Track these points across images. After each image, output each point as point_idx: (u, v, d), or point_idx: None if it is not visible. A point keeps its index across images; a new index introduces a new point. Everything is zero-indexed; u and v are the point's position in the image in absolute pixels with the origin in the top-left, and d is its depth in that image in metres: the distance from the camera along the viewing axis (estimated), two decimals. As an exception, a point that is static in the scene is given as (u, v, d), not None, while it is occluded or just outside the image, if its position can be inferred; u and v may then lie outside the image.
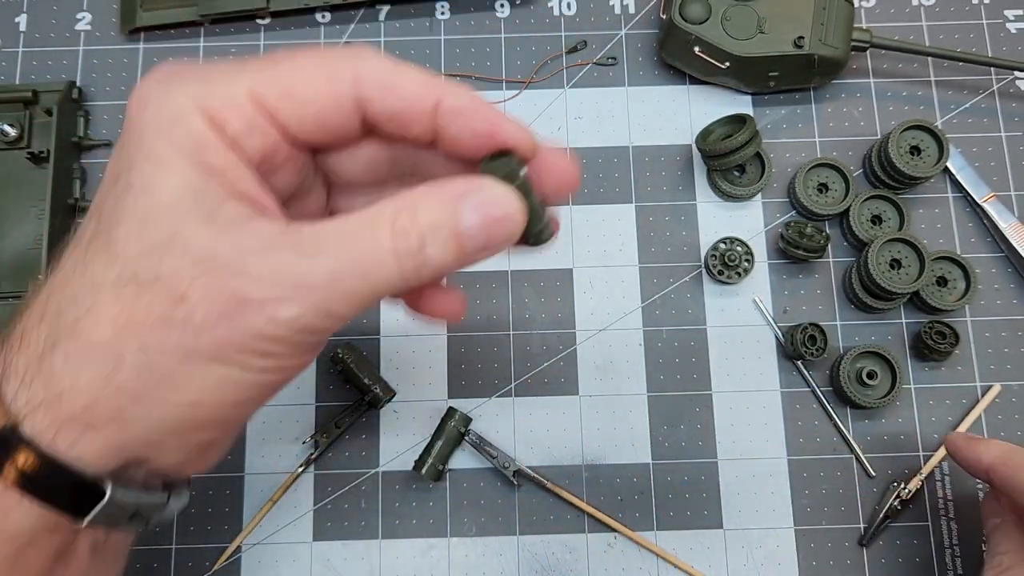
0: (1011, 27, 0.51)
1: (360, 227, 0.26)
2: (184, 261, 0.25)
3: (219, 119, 0.26)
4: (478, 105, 0.28)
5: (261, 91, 0.26)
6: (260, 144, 0.26)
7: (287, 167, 0.28)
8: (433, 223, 0.26)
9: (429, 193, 0.26)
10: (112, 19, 0.51)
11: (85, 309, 0.25)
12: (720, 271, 0.46)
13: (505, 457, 0.44)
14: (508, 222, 0.27)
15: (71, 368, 0.25)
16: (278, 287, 0.25)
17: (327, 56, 0.27)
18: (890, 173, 0.47)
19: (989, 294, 0.47)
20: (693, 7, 0.46)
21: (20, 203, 0.46)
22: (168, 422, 0.25)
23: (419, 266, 0.26)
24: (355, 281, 0.25)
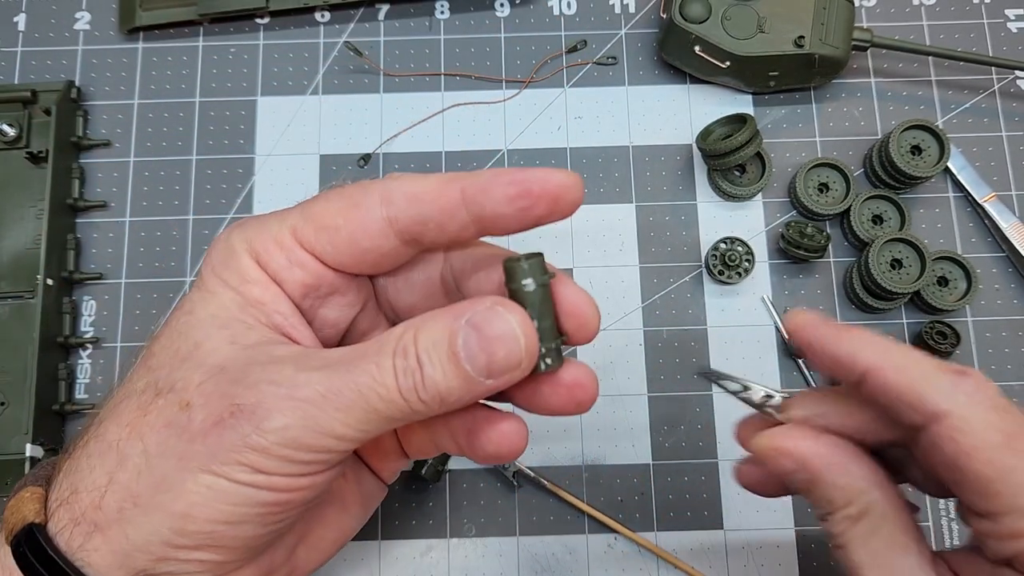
0: (1012, 26, 0.51)
1: (369, 346, 0.26)
2: (198, 371, 0.26)
3: (264, 258, 0.28)
4: (501, 171, 0.27)
5: (300, 227, 0.28)
6: (301, 278, 0.28)
7: (336, 299, 0.30)
8: (432, 341, 0.25)
9: (437, 312, 0.26)
10: (111, 18, 0.51)
11: (110, 413, 0.27)
12: (720, 271, 0.46)
13: (505, 457, 0.44)
14: (507, 340, 0.25)
15: (90, 466, 0.26)
16: (270, 397, 0.25)
17: (357, 186, 0.28)
18: (891, 173, 0.46)
19: (990, 294, 0.47)
20: (693, 6, 0.46)
21: (19, 203, 0.46)
22: (163, 532, 0.25)
23: (418, 386, 0.25)
24: (351, 397, 0.25)
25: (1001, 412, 0.24)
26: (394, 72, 0.50)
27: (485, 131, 0.49)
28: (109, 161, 0.49)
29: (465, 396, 0.26)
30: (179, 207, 0.48)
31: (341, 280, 0.29)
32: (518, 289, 0.27)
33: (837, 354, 0.27)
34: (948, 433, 0.24)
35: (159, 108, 0.50)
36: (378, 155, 0.49)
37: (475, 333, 0.25)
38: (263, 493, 0.25)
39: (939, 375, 0.25)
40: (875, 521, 0.26)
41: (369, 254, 0.28)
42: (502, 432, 0.29)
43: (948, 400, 0.24)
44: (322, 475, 0.26)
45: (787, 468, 0.27)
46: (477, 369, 0.25)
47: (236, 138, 0.49)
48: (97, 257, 0.47)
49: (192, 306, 0.28)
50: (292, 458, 0.25)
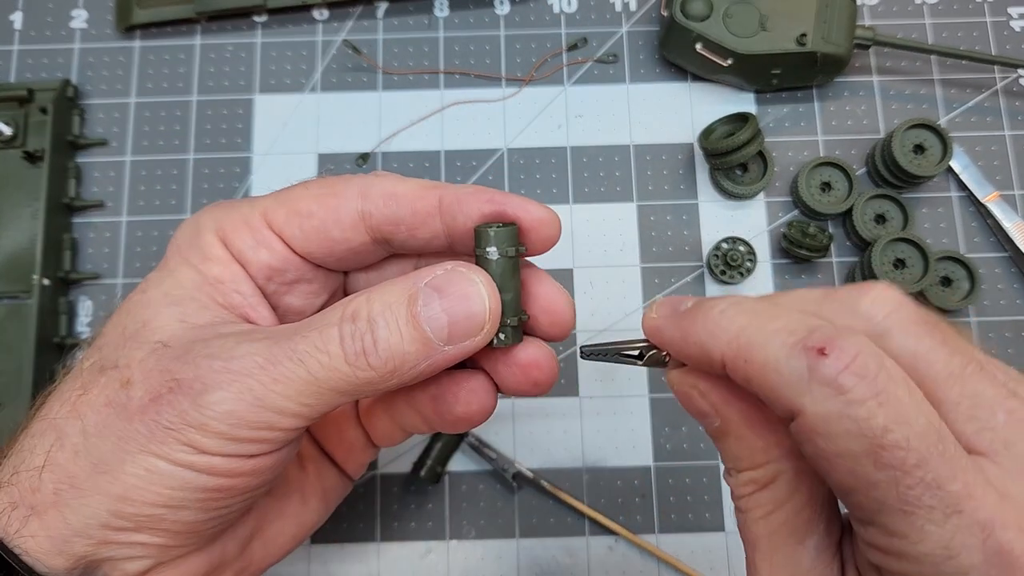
0: (1015, 25, 0.51)
1: (315, 316, 0.25)
2: (143, 348, 0.25)
3: (230, 237, 0.28)
4: (483, 189, 0.27)
5: (271, 212, 0.28)
6: (267, 259, 0.28)
7: (302, 286, 0.29)
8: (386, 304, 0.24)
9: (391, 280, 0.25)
10: (108, 16, 0.51)
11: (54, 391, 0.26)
12: (722, 271, 0.46)
13: (504, 459, 0.44)
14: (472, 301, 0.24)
15: (31, 446, 0.25)
16: (207, 370, 0.24)
17: (337, 178, 0.28)
18: (893, 172, 0.46)
19: (993, 294, 0.46)
20: (695, 4, 0.46)
21: (15, 202, 0.46)
22: (102, 515, 0.24)
23: (368, 351, 0.24)
24: (289, 366, 0.24)
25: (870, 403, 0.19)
26: (393, 70, 0.50)
27: (485, 130, 0.49)
28: (106, 160, 0.49)
29: (421, 363, 0.24)
30: (176, 207, 0.48)
31: (308, 268, 0.29)
32: (482, 255, 0.26)
33: (688, 352, 0.23)
34: (806, 434, 0.20)
35: (156, 107, 0.49)
36: (377, 154, 0.49)
37: (436, 294, 0.24)
38: (203, 477, 0.24)
39: (790, 360, 0.20)
40: (780, 494, 0.23)
41: (338, 245, 0.28)
42: (470, 390, 0.28)
43: (800, 395, 0.20)
44: (267, 458, 0.25)
45: (701, 409, 0.24)
46: (437, 331, 0.24)
47: (233, 137, 0.49)
48: (93, 257, 0.47)
49: (147, 285, 0.28)
50: (232, 435, 0.24)
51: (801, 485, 0.23)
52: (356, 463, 0.34)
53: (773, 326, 0.21)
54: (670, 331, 0.24)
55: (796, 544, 0.23)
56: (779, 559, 0.23)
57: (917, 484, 0.19)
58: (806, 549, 0.23)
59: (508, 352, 0.27)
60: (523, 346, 0.28)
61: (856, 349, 0.20)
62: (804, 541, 0.23)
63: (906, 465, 0.19)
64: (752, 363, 0.21)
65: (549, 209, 0.27)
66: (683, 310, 0.24)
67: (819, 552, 0.23)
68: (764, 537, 0.23)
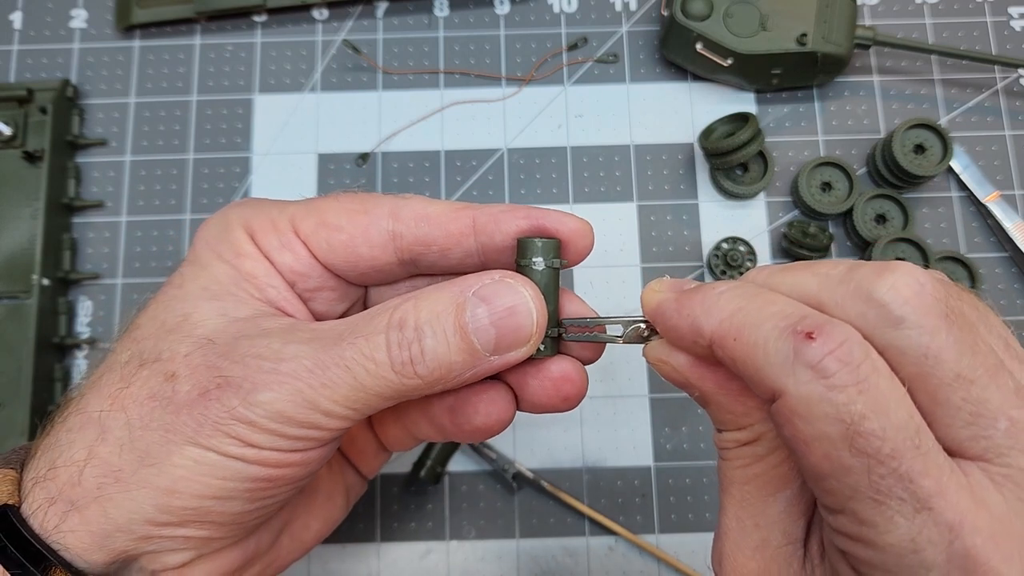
0: (1015, 25, 0.51)
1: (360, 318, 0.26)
2: (185, 342, 0.25)
3: (259, 235, 0.28)
4: (517, 207, 0.27)
5: (299, 220, 0.28)
6: (291, 263, 0.28)
7: (325, 294, 0.29)
8: (434, 313, 0.24)
9: (437, 287, 0.26)
10: (107, 16, 0.51)
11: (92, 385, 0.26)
12: (723, 271, 0.46)
13: (504, 460, 0.44)
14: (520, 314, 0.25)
15: (69, 440, 0.25)
16: (256, 371, 0.24)
17: (368, 195, 0.28)
18: (894, 172, 0.46)
19: (994, 294, 0.46)
20: (695, 4, 0.46)
21: (14, 202, 0.45)
22: (147, 509, 0.24)
23: (415, 360, 0.24)
24: (338, 372, 0.24)
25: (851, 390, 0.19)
26: (393, 70, 0.50)
27: (485, 129, 0.49)
28: (105, 160, 0.48)
29: (466, 373, 0.25)
30: (176, 207, 0.48)
31: (329, 277, 0.29)
32: (527, 266, 0.26)
33: (680, 326, 0.24)
34: (784, 415, 0.21)
35: (155, 107, 0.49)
36: (376, 154, 0.49)
37: (485, 305, 0.25)
38: (253, 468, 0.24)
39: (778, 342, 0.20)
40: (761, 450, 0.24)
41: (363, 261, 0.28)
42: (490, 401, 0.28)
43: (784, 376, 0.20)
44: (314, 452, 0.26)
45: (676, 381, 0.25)
46: (484, 343, 0.24)
47: (233, 137, 0.49)
48: (93, 257, 0.47)
49: (182, 280, 0.28)
50: (281, 432, 0.24)
51: (782, 446, 0.24)
52: (370, 466, 0.35)
53: (768, 310, 0.21)
54: (667, 304, 0.24)
55: (767, 495, 0.24)
56: (748, 504, 0.24)
57: (889, 474, 0.19)
58: (776, 501, 0.24)
59: (541, 367, 0.28)
60: (556, 360, 0.28)
61: (843, 336, 0.20)
62: (776, 494, 0.24)
63: (880, 454, 0.19)
64: (741, 342, 0.21)
65: (584, 220, 0.27)
66: (685, 288, 0.24)
67: (788, 507, 0.24)
68: (739, 483, 0.24)
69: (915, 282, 0.21)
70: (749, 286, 0.23)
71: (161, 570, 0.26)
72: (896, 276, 0.21)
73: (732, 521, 0.24)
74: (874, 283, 0.21)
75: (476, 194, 0.48)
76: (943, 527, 0.19)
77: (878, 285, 0.21)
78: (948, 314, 0.21)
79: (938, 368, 0.20)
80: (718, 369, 0.24)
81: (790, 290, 0.23)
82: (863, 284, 0.21)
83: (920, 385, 0.20)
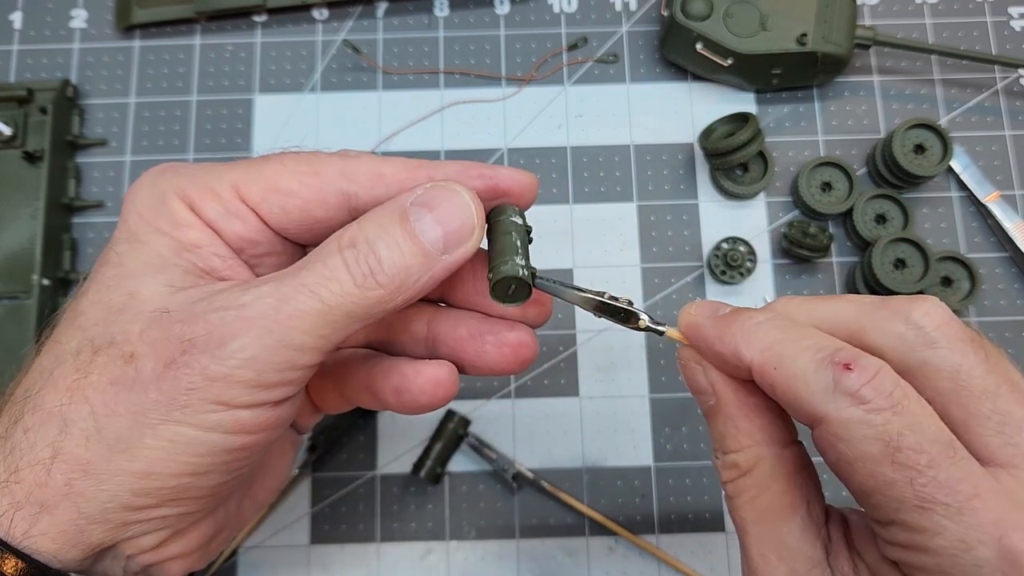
0: (1015, 25, 0.51)
1: (312, 252, 0.26)
2: (137, 320, 0.25)
3: (198, 204, 0.27)
4: (470, 166, 0.28)
5: (244, 186, 0.27)
6: (240, 231, 0.27)
7: (271, 259, 0.29)
8: (380, 226, 0.25)
9: (377, 208, 0.26)
10: (107, 16, 0.51)
11: (45, 380, 0.25)
12: (723, 271, 0.46)
13: (504, 460, 0.44)
14: (460, 209, 0.26)
15: (28, 441, 0.24)
16: (222, 323, 0.24)
17: (314, 155, 0.28)
18: (894, 172, 0.46)
19: (993, 294, 0.46)
20: (695, 4, 0.46)
21: (14, 203, 0.45)
22: (123, 496, 0.24)
23: (375, 270, 0.25)
24: (304, 300, 0.24)
25: (886, 413, 0.22)
26: (393, 70, 0.50)
27: (485, 129, 0.49)
28: (105, 160, 0.48)
29: (423, 276, 0.26)
30: (176, 206, 0.48)
31: (278, 241, 0.29)
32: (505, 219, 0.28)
33: (722, 352, 0.25)
34: (828, 440, 0.23)
35: (155, 107, 0.49)
36: (377, 154, 0.49)
37: (425, 209, 0.26)
38: (230, 438, 0.24)
39: (818, 373, 0.23)
40: (762, 479, 0.26)
41: (318, 224, 0.28)
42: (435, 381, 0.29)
43: (825, 403, 0.23)
44: (286, 405, 0.26)
45: (701, 386, 0.27)
46: (434, 242, 0.25)
47: (233, 137, 0.49)
48: (93, 257, 0.47)
49: (120, 259, 0.27)
50: (256, 382, 0.24)
51: (781, 472, 0.26)
52: (306, 424, 0.35)
53: (804, 343, 0.24)
54: (707, 329, 0.26)
55: (780, 526, 0.25)
56: (766, 540, 0.25)
57: (930, 482, 0.21)
58: (790, 531, 0.25)
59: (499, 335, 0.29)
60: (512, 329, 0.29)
61: (876, 368, 0.23)
62: (788, 523, 0.25)
63: (919, 465, 0.21)
64: (781, 371, 0.24)
65: (531, 175, 0.29)
66: (722, 314, 0.26)
67: (803, 533, 0.25)
68: (751, 521, 0.26)
69: (944, 310, 0.24)
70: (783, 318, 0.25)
71: (137, 553, 0.25)
72: (928, 304, 0.24)
73: (758, 560, 0.25)
74: (911, 309, 0.24)
75: (476, 194, 0.48)
76: (988, 526, 0.21)
77: (914, 311, 0.24)
78: (973, 338, 0.24)
79: (970, 382, 0.23)
80: (742, 384, 0.26)
81: (827, 315, 0.25)
82: (901, 310, 0.24)
83: (953, 399, 0.23)
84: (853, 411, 0.22)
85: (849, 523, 0.26)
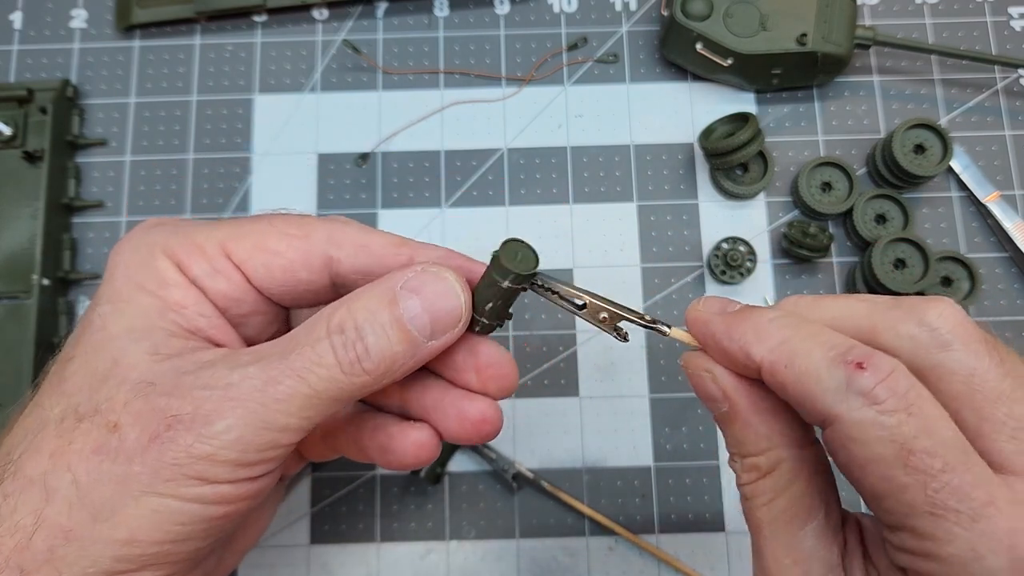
0: (1015, 25, 0.51)
1: (298, 331, 0.26)
2: (122, 389, 0.25)
3: (185, 262, 0.27)
4: (453, 255, 0.29)
5: (232, 244, 0.28)
6: (225, 289, 0.28)
7: (255, 320, 0.29)
8: (369, 311, 0.26)
9: (366, 288, 0.27)
10: (107, 16, 0.51)
11: (27, 445, 0.25)
12: (723, 271, 0.46)
13: (504, 460, 0.43)
14: (448, 297, 0.26)
15: (8, 507, 0.24)
16: (206, 401, 0.24)
17: (304, 219, 0.28)
18: (894, 172, 0.46)
19: (993, 294, 0.46)
20: (695, 4, 0.46)
21: (14, 202, 0.45)
22: (104, 562, 0.24)
23: (363, 357, 0.25)
24: (291, 383, 0.24)
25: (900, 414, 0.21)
26: (393, 70, 0.50)
27: (485, 129, 0.49)
28: (105, 160, 0.48)
29: (409, 361, 0.26)
30: (176, 207, 0.48)
31: (262, 301, 0.29)
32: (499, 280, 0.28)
33: (730, 349, 0.25)
34: (840, 441, 0.22)
35: (155, 107, 0.49)
36: (376, 154, 0.49)
37: (415, 296, 0.26)
38: (211, 508, 0.24)
39: (831, 371, 0.22)
40: (782, 482, 0.25)
41: (301, 286, 0.28)
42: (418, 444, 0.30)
43: (838, 403, 0.22)
44: (267, 478, 0.26)
45: (712, 393, 0.26)
46: (421, 329, 0.26)
47: (233, 137, 0.49)
48: (93, 257, 0.47)
49: (104, 321, 0.26)
50: (240, 461, 0.24)
51: (801, 473, 0.25)
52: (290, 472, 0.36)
53: (817, 339, 0.23)
54: (716, 325, 0.25)
55: (797, 529, 0.24)
56: (782, 543, 0.25)
57: (943, 488, 0.21)
58: (807, 534, 0.24)
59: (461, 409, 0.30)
60: (474, 402, 0.30)
61: (891, 367, 0.22)
62: (805, 526, 0.24)
63: (933, 469, 0.21)
64: (793, 369, 0.23)
65: None
66: (732, 311, 0.26)
67: (819, 536, 0.24)
68: (768, 523, 0.25)
69: (959, 312, 0.23)
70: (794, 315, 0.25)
71: None
72: (943, 306, 0.23)
73: (771, 563, 0.25)
74: (925, 310, 0.23)
75: (476, 194, 0.48)
76: (1001, 534, 0.20)
77: (928, 311, 0.23)
78: (988, 340, 0.23)
79: (984, 386, 0.22)
80: (754, 387, 0.25)
81: (839, 313, 0.24)
82: (915, 310, 0.23)
83: (967, 403, 0.22)
84: (866, 412, 0.21)
85: (863, 528, 0.26)
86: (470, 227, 0.48)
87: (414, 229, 0.47)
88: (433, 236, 0.47)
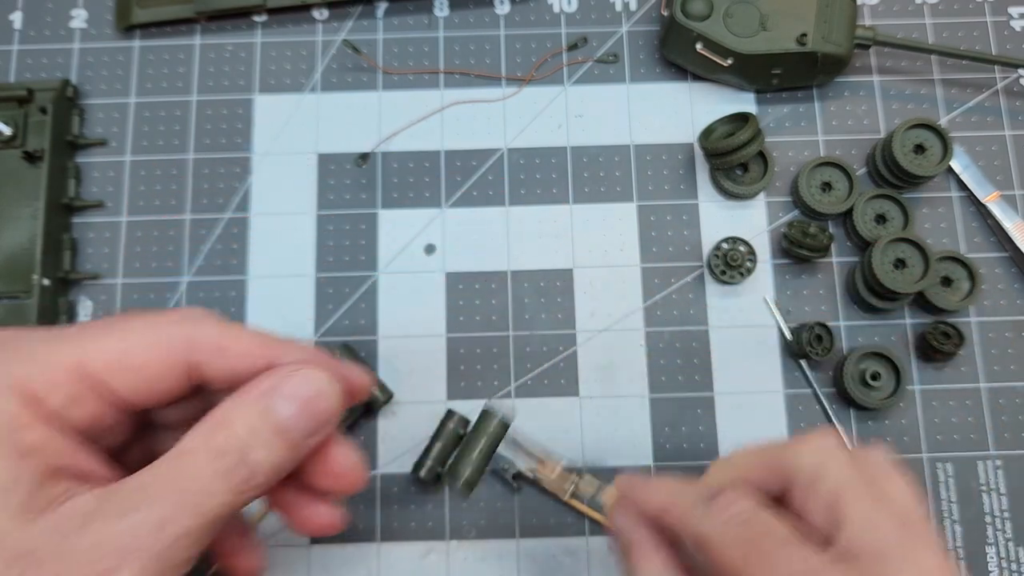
0: (1015, 25, 0.51)
1: (177, 462, 0.25)
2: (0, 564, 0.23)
3: (40, 395, 0.25)
4: (319, 356, 0.29)
5: (88, 361, 0.26)
6: (87, 413, 0.26)
7: (116, 429, 0.28)
8: (249, 428, 0.26)
9: (237, 401, 0.26)
10: (107, 16, 0.51)
11: None
12: (722, 271, 0.46)
13: (504, 460, 0.44)
14: (324, 397, 0.27)
15: None
16: (103, 559, 0.23)
17: (160, 321, 0.27)
18: (894, 172, 0.46)
19: (993, 294, 0.46)
20: (695, 4, 0.46)
21: (14, 202, 0.45)
22: None
23: (251, 476, 0.25)
24: (187, 520, 0.24)
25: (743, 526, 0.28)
26: (393, 70, 0.50)
27: (485, 129, 0.49)
28: (105, 160, 0.48)
29: (295, 462, 0.27)
30: (176, 207, 0.48)
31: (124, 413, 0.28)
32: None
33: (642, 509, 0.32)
34: (706, 553, 0.28)
35: (155, 107, 0.49)
36: (376, 154, 0.49)
37: (290, 402, 0.26)
38: None
39: (696, 506, 0.29)
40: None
41: (164, 395, 0.28)
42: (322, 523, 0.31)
43: (702, 524, 0.29)
44: None
45: (619, 527, 0.33)
46: (303, 433, 0.27)
47: (233, 137, 0.49)
48: (93, 257, 0.47)
49: None
50: None
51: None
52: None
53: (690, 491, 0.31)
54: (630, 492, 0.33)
55: None
56: None
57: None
58: None
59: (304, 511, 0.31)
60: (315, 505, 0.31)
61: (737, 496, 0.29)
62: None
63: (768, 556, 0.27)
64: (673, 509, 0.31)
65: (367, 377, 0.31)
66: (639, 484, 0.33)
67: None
68: None
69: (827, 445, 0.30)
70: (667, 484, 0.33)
71: None
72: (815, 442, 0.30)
73: None
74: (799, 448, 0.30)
75: (476, 194, 0.48)
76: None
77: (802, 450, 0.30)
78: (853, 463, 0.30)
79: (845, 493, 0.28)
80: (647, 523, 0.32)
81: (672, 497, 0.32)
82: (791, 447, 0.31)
83: None
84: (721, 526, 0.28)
85: None
86: (470, 227, 0.48)
87: (414, 229, 0.47)
88: (433, 236, 0.47)
